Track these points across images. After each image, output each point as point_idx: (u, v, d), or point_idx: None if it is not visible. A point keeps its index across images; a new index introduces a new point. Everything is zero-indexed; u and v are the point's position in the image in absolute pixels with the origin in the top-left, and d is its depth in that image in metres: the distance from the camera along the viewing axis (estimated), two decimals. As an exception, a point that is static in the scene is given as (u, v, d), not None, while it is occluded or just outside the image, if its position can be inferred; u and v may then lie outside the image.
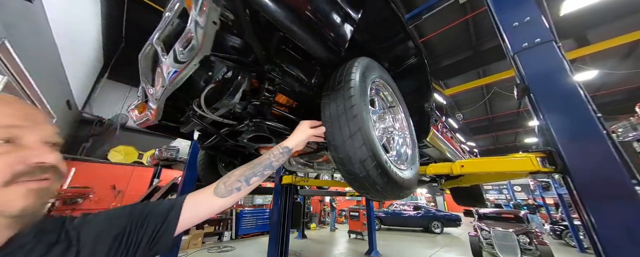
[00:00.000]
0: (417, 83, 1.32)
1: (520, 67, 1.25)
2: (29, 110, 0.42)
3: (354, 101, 0.68)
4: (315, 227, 9.96)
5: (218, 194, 0.60)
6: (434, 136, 1.35)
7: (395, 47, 1.23)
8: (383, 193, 0.70)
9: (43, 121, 0.43)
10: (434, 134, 1.33)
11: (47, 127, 0.43)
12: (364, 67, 0.80)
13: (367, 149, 0.65)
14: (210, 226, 6.95)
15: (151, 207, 0.54)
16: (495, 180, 2.15)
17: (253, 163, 0.67)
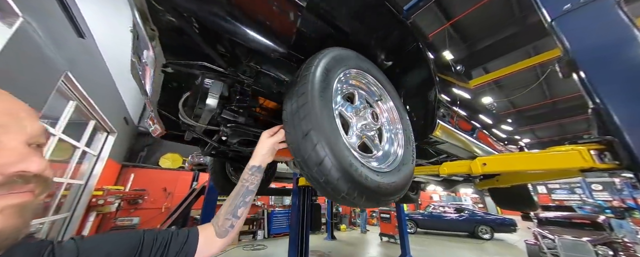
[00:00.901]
0: (418, 72, 1.14)
1: (562, 36, 0.97)
2: (10, 105, 0.33)
3: (306, 98, 0.60)
4: (346, 229, 9.79)
5: (218, 235, 0.61)
6: (446, 131, 1.14)
7: (387, 36, 1.08)
8: (353, 201, 0.60)
9: (27, 117, 0.34)
10: (445, 128, 1.13)
11: (33, 125, 0.34)
12: (329, 59, 0.71)
13: (322, 151, 0.56)
14: (245, 225, 7.44)
15: (168, 235, 0.53)
16: (541, 179, 1.72)
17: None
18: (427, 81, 1.10)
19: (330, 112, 0.63)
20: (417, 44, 1.06)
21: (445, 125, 1.14)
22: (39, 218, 3.25)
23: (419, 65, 1.12)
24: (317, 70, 0.66)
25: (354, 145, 0.73)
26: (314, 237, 8.06)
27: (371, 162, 0.74)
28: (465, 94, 1.65)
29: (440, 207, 9.65)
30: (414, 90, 1.20)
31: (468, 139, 1.40)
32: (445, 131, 1.15)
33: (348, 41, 1.00)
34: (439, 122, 1.09)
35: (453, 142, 1.27)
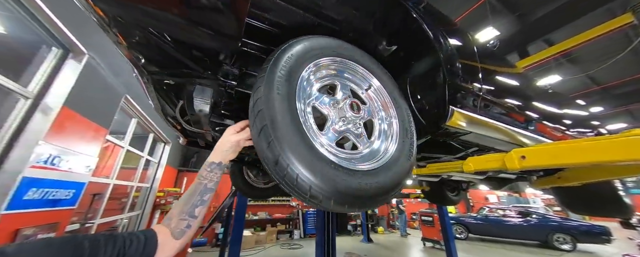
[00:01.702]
0: (422, 53, 0.96)
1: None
2: None
3: (260, 92, 0.54)
4: (383, 231, 9.27)
5: (174, 235, 0.56)
6: (469, 119, 0.93)
7: (385, 19, 0.95)
8: (321, 204, 0.52)
9: None
10: (467, 116, 0.92)
11: None
12: (293, 49, 0.64)
13: (276, 149, 0.50)
14: (282, 224, 7.79)
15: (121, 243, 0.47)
16: (627, 174, 1.21)
17: (187, 195, 0.62)
18: (433, 63, 0.92)
19: (289, 106, 0.57)
20: (418, 23, 0.89)
21: (466, 113, 0.93)
22: (120, 214, 4.05)
23: (421, 46, 0.94)
24: (274, 62, 0.61)
25: (327, 141, 0.64)
26: (348, 239, 7.89)
27: (350, 160, 0.63)
28: (506, 78, 1.33)
29: (498, 210, 8.23)
30: (421, 75, 1.02)
31: (509, 128, 1.12)
32: (468, 119, 0.93)
33: (340, 29, 0.90)
34: (455, 110, 0.89)
35: (483, 132, 1.03)
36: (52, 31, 1.99)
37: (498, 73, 1.27)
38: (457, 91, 0.93)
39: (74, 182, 2.47)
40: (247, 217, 7.28)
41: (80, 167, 2.56)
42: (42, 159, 2.03)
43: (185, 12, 0.51)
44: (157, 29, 0.58)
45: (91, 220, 2.93)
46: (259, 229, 7.33)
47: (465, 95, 0.96)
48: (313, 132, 0.61)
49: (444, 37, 0.96)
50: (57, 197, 2.24)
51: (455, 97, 0.92)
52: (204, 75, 0.79)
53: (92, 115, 2.57)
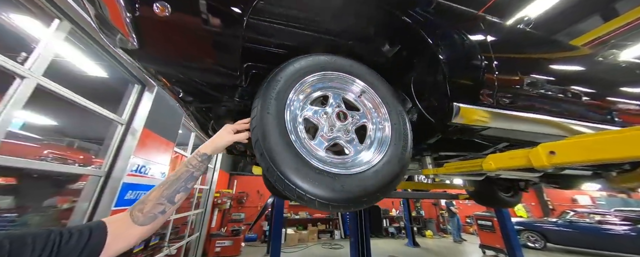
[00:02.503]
0: (419, 50, 0.94)
1: None
2: None
3: (255, 112, 0.67)
4: (432, 236, 8.46)
5: (137, 222, 0.52)
6: (479, 113, 0.86)
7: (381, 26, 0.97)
8: (310, 205, 0.60)
9: None
10: (475, 111, 0.85)
11: None
12: (283, 72, 0.74)
13: (266, 160, 0.61)
14: (322, 224, 8.00)
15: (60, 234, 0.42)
16: None
17: (170, 180, 0.60)
18: (431, 61, 0.88)
19: (278, 123, 0.67)
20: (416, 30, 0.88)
21: (476, 109, 0.86)
22: (189, 211, 4.94)
23: (420, 45, 0.92)
24: (266, 86, 0.72)
25: (317, 148, 0.72)
26: (391, 242, 7.52)
27: (336, 165, 0.69)
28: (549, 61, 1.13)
29: (590, 215, 6.49)
30: (423, 73, 0.98)
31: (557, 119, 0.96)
32: (481, 114, 0.86)
33: (339, 40, 0.96)
34: (460, 106, 0.83)
35: (506, 125, 0.92)
36: (134, 73, 2.65)
37: (530, 59, 1.09)
38: (462, 87, 0.86)
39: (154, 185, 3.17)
40: (289, 216, 7.77)
41: (157, 173, 3.28)
42: (133, 168, 2.71)
43: (196, 67, 0.69)
44: (184, 75, 0.77)
45: (168, 215, 3.67)
46: (301, 227, 7.71)
47: (475, 89, 0.89)
48: (301, 142, 0.70)
49: (446, 35, 0.91)
50: (145, 197, 2.92)
51: (460, 93, 0.87)
52: (223, 99, 0.97)
53: (163, 133, 3.27)
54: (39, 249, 0.38)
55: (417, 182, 4.49)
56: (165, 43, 0.67)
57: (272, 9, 0.82)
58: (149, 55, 0.67)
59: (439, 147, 1.23)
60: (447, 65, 0.84)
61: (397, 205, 9.14)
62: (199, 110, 1.17)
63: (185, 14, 0.65)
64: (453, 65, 0.85)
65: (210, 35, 0.68)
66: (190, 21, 0.66)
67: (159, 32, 0.65)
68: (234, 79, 0.73)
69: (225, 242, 5.65)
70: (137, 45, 0.63)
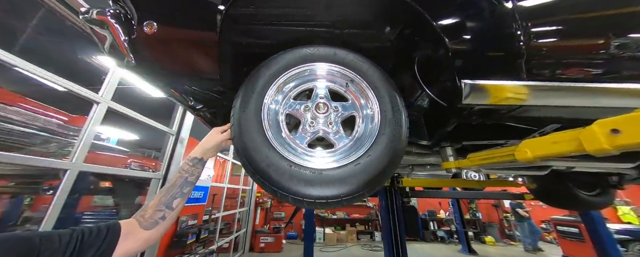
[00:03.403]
0: (418, 26, 0.80)
1: None
2: None
3: (234, 110, 0.68)
4: (494, 243, 7.20)
5: (144, 226, 0.56)
6: (501, 89, 0.68)
7: None
8: (281, 198, 0.58)
9: None
10: (495, 87, 0.67)
11: None
12: (260, 69, 0.73)
13: (241, 155, 0.61)
14: (361, 225, 7.78)
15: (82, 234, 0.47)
16: None
17: (167, 187, 0.64)
18: (429, 35, 0.74)
19: (256, 119, 0.67)
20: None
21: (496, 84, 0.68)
22: (234, 209, 5.51)
23: (415, 19, 0.79)
24: (245, 83, 0.73)
25: (297, 143, 0.69)
26: (440, 247, 6.73)
27: (320, 158, 0.65)
28: None
29: None
30: (426, 50, 0.84)
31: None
32: (527, 90, 0.67)
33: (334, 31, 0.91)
34: (470, 84, 0.67)
35: (552, 100, 0.71)
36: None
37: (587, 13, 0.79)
38: (472, 59, 0.70)
39: (203, 187, 3.66)
40: (327, 216, 7.82)
41: (204, 176, 3.78)
42: (184, 172, 3.19)
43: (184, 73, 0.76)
44: (179, 83, 0.85)
45: (215, 213, 4.19)
46: (339, 228, 7.66)
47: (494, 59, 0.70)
48: (279, 137, 0.68)
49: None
50: (195, 197, 3.40)
51: (472, 67, 0.70)
52: (225, 103, 1.04)
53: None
54: (65, 243, 0.44)
55: (465, 180, 3.91)
56: (156, 56, 0.75)
57: (260, 11, 0.83)
58: (145, 69, 0.76)
59: (461, 135, 1.03)
60: (447, 32, 0.69)
61: (445, 206, 8.15)
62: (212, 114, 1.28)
63: (167, 28, 0.72)
64: (454, 33, 0.70)
65: (191, 44, 0.74)
66: (173, 34, 0.73)
67: (150, 48, 0.74)
68: (218, 83, 0.77)
69: (268, 238, 6.06)
70: (134, 62, 0.73)
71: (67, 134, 2.25)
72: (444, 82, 0.77)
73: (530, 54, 0.70)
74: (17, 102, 1.99)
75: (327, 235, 7.04)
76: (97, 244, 0.47)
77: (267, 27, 0.90)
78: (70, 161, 1.74)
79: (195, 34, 0.73)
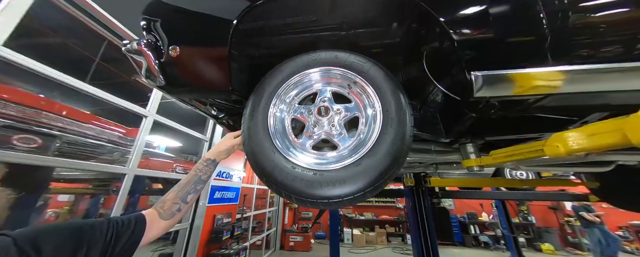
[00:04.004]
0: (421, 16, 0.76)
1: None
2: None
3: (243, 118, 0.75)
4: (555, 251, 6.19)
5: (163, 216, 0.64)
6: (519, 78, 0.61)
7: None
8: (285, 197, 0.62)
9: None
10: (510, 76, 0.60)
11: None
12: (266, 79, 0.79)
13: (250, 158, 0.68)
14: (391, 227, 7.47)
15: (117, 223, 0.54)
16: None
17: (183, 183, 0.71)
18: (434, 27, 0.70)
19: (263, 125, 0.72)
20: None
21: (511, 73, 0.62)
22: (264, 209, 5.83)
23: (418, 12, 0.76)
24: (253, 93, 0.79)
25: (301, 146, 0.72)
26: (485, 253, 6.04)
27: (317, 161, 0.67)
28: None
29: None
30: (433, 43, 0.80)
31: None
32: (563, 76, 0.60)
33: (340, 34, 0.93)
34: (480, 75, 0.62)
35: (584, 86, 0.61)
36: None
37: None
38: (483, 49, 0.64)
39: (235, 187, 3.97)
40: (354, 217, 7.71)
41: (236, 178, 4.09)
42: (218, 174, 3.50)
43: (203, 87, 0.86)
44: (203, 96, 0.96)
45: (247, 212, 4.49)
46: (368, 229, 7.48)
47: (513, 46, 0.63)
48: (285, 141, 0.72)
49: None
50: (228, 197, 3.71)
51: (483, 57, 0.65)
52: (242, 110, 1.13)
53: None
54: (104, 231, 0.51)
55: (509, 179, 3.47)
56: (180, 74, 0.87)
57: (267, 24, 0.89)
58: (172, 87, 0.88)
59: (485, 130, 0.93)
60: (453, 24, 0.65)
61: (487, 208, 7.31)
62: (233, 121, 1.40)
63: (186, 49, 0.83)
64: (459, 22, 0.65)
65: (206, 60, 0.84)
66: (191, 53, 0.84)
67: (174, 69, 0.85)
68: (233, 93, 0.84)
69: (297, 237, 6.25)
70: (163, 82, 0.85)
71: (126, 144, 2.69)
72: (455, 75, 0.73)
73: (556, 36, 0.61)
74: (90, 120, 2.46)
75: (355, 236, 6.94)
76: (128, 233, 0.55)
77: (275, 37, 0.96)
78: (127, 166, 2.07)
79: (209, 51, 0.83)
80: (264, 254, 5.39)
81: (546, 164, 1.10)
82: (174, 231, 2.97)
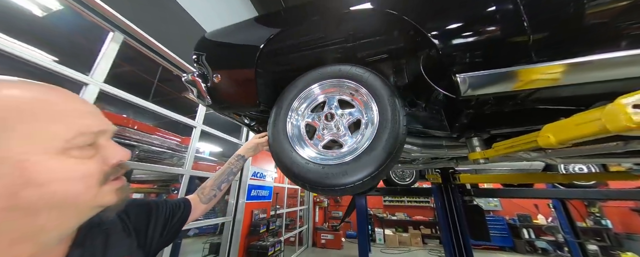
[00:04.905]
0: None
1: None
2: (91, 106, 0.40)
3: (269, 126, 0.95)
4: (641, 263, 5.06)
5: (202, 201, 0.79)
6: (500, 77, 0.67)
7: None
8: (302, 187, 0.79)
9: (101, 114, 0.40)
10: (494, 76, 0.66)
11: (108, 122, 0.41)
12: (285, 92, 0.98)
13: (274, 156, 0.87)
14: (426, 228, 7.09)
15: (172, 204, 0.67)
16: None
17: (218, 174, 0.87)
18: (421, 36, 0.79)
19: (283, 130, 0.91)
20: None
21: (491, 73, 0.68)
22: (295, 207, 6.18)
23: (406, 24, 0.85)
24: (274, 107, 0.99)
25: (313, 146, 0.89)
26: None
27: (325, 156, 0.83)
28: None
29: None
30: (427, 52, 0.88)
31: None
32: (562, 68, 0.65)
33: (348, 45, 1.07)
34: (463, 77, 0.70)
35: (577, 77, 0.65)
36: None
37: None
38: (465, 52, 0.71)
39: (268, 186, 4.36)
40: (385, 217, 7.55)
41: (269, 178, 4.49)
42: (253, 174, 3.92)
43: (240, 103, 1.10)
44: (239, 110, 1.21)
45: (280, 209, 4.85)
46: (401, 229, 7.24)
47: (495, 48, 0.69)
48: (300, 142, 0.90)
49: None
50: (262, 195, 4.11)
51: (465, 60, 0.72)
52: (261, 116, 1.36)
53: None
54: (166, 209, 0.65)
55: (567, 175, 3.06)
56: (221, 95, 1.12)
57: (286, 44, 1.09)
58: (216, 105, 1.15)
59: (490, 124, 0.96)
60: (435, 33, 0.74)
61: (544, 209, 6.36)
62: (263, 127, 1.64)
63: (224, 73, 1.08)
64: (438, 32, 0.73)
65: (238, 81, 1.07)
66: (227, 77, 1.08)
67: (217, 91, 1.11)
68: (257, 107, 1.06)
69: (328, 235, 6.44)
70: (210, 101, 1.12)
71: (181, 150, 3.25)
72: (446, 77, 0.81)
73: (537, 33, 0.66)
74: (154, 132, 3.06)
75: (387, 237, 6.80)
76: (179, 212, 0.68)
77: (292, 55, 1.15)
78: (184, 168, 2.54)
79: (241, 73, 1.06)
80: (297, 250, 5.72)
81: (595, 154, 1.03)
82: (221, 223, 3.45)
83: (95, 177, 0.36)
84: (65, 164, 0.33)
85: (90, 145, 0.37)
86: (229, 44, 1.18)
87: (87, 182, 0.35)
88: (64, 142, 0.33)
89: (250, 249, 3.55)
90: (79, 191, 0.34)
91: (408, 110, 1.10)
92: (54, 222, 0.34)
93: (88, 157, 0.36)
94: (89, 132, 0.36)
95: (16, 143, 0.30)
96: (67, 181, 0.33)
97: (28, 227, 0.32)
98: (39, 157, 0.31)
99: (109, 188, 0.38)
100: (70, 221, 0.36)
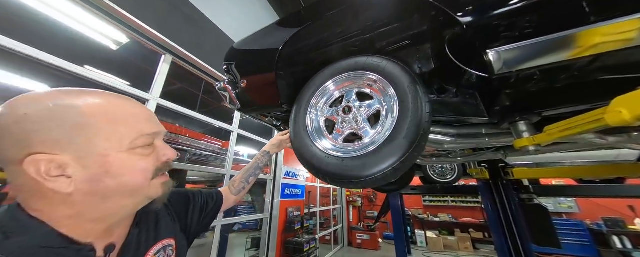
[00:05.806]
0: None
1: None
2: (150, 112, 0.47)
3: (290, 123, 0.99)
4: None
5: (233, 193, 0.86)
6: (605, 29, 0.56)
7: None
8: (323, 180, 0.81)
9: (156, 118, 0.48)
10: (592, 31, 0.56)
11: (160, 124, 0.48)
12: (304, 90, 1.01)
13: (296, 151, 0.91)
14: (477, 232, 6.29)
15: (207, 194, 0.75)
16: None
17: (246, 169, 0.94)
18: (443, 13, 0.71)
19: (304, 126, 0.94)
20: None
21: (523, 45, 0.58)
22: (329, 206, 6.22)
23: None
24: (294, 105, 1.03)
25: (333, 140, 0.89)
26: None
27: (344, 150, 0.82)
28: None
29: None
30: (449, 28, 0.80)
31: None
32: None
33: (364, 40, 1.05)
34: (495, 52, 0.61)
35: None
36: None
37: None
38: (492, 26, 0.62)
39: (300, 185, 4.51)
40: (426, 218, 6.98)
41: (301, 177, 4.64)
42: (286, 174, 4.12)
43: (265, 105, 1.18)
44: (266, 112, 1.30)
45: (313, 208, 4.96)
46: (446, 232, 6.59)
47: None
48: (320, 136, 0.92)
49: None
50: (295, 193, 4.27)
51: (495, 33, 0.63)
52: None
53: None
54: (202, 198, 0.72)
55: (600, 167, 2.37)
56: (248, 99, 1.22)
57: (303, 44, 1.12)
58: (245, 109, 1.26)
59: (542, 104, 0.80)
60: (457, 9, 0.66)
61: (645, 214, 4.95)
62: None
63: (249, 79, 1.17)
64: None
65: (261, 85, 1.15)
66: (252, 81, 1.17)
67: (244, 95, 1.22)
68: (279, 108, 1.12)
69: (364, 236, 6.29)
70: (239, 106, 1.23)
71: (223, 153, 3.64)
72: (475, 56, 0.72)
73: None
74: (201, 138, 3.51)
75: (429, 239, 6.28)
76: (212, 202, 0.76)
77: (310, 53, 1.18)
78: (226, 169, 2.84)
79: (263, 76, 1.14)
80: (333, 249, 5.75)
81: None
82: (260, 219, 3.71)
83: (150, 172, 0.43)
84: (132, 159, 0.41)
85: (149, 145, 0.44)
86: (252, 50, 1.28)
87: (145, 176, 0.42)
88: (130, 142, 0.41)
89: (287, 245, 3.73)
90: (141, 182, 0.42)
91: (436, 98, 1.01)
92: (120, 206, 0.42)
93: (147, 155, 0.43)
94: (148, 134, 0.44)
95: (101, 141, 0.38)
96: (134, 174, 0.41)
97: (103, 209, 0.40)
98: (117, 153, 0.39)
99: (157, 182, 0.45)
100: (131, 206, 0.44)
